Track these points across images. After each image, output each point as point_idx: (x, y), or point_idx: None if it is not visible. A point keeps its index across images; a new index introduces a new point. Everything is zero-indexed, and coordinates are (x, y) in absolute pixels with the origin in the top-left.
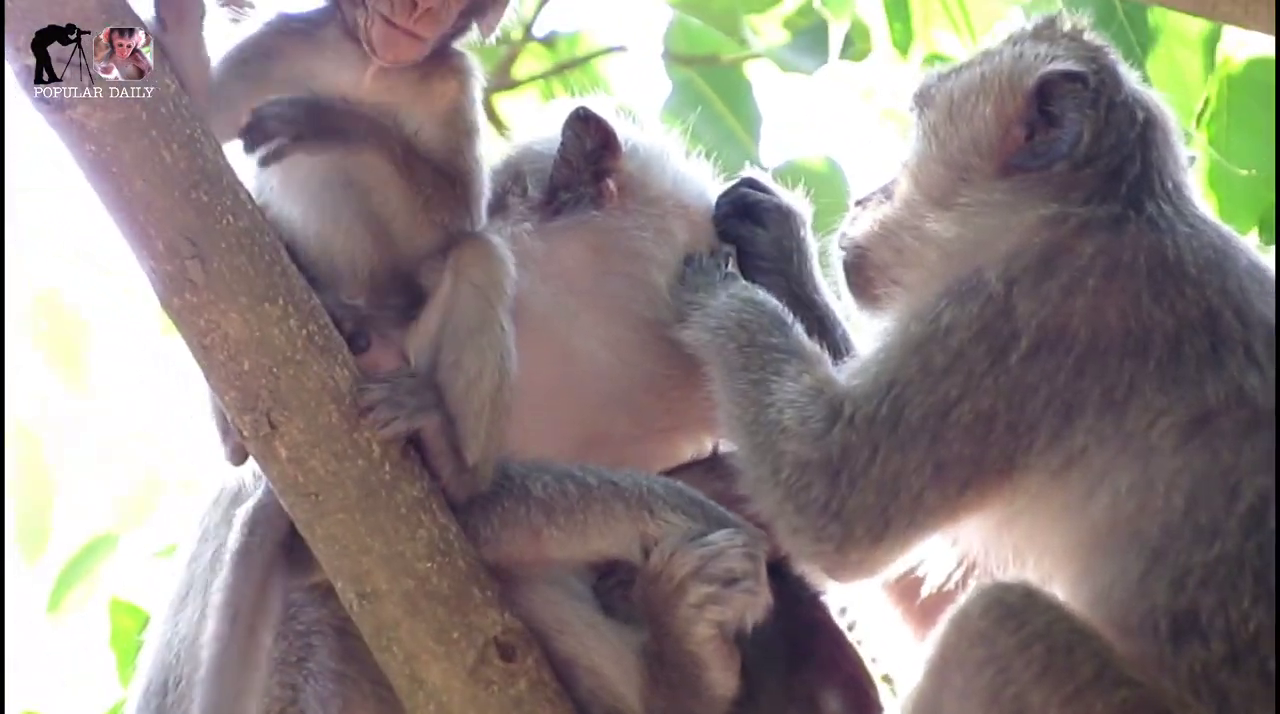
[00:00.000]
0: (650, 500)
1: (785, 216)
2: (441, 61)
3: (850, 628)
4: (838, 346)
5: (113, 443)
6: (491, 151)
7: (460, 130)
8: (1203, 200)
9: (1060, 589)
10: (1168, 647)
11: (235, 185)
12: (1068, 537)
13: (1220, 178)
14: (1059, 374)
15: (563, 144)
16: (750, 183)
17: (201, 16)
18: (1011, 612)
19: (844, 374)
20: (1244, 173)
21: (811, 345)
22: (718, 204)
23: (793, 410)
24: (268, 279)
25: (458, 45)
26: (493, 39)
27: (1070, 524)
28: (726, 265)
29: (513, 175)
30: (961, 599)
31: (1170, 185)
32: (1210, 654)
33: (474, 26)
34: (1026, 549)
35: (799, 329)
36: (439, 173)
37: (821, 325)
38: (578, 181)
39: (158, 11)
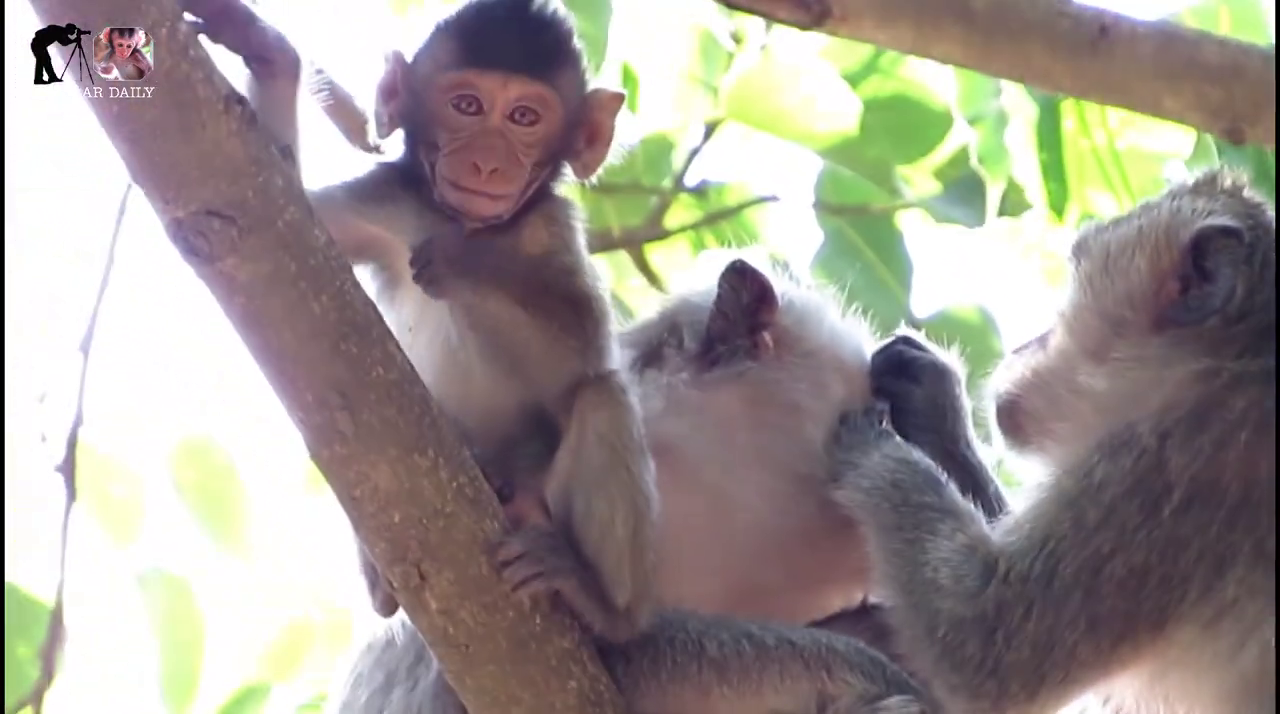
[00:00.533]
0: (830, 659)
1: (940, 374)
2: (535, 207)
3: None
4: (990, 505)
5: (261, 590)
6: (647, 304)
7: (559, 270)
8: None
9: None
10: None
11: (385, 336)
12: (1218, 688)
13: None
14: (1211, 527)
15: (719, 297)
16: (905, 340)
17: (296, 72)
18: None
19: (997, 531)
20: None
21: (965, 503)
22: (873, 359)
23: (947, 568)
24: (417, 430)
25: (557, 189)
26: (593, 180)
27: (1220, 675)
28: (881, 422)
29: (669, 327)
30: None
31: None
32: None
33: (565, 170)
34: (1178, 701)
35: (952, 488)
36: (562, 297)
37: (974, 483)
38: (734, 334)
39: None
